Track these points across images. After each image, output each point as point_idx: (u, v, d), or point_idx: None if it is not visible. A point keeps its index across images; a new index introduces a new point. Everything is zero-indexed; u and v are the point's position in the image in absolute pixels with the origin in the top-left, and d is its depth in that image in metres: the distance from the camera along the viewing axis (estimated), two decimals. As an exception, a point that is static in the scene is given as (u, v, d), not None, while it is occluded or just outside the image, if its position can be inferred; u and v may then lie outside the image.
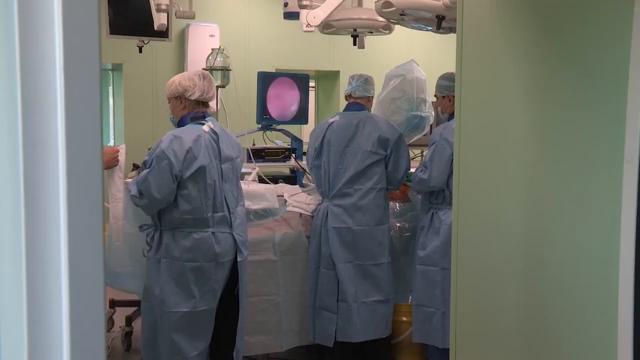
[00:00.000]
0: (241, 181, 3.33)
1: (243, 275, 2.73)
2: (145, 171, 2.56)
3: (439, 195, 3.08)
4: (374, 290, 3.19)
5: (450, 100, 3.15)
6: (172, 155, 2.51)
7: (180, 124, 2.70)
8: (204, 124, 2.66)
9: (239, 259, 2.70)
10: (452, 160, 2.93)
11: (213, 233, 2.62)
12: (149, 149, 2.71)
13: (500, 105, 1.75)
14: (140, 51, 4.01)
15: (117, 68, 5.68)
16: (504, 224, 1.75)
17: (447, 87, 3.12)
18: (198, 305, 2.61)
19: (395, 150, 3.21)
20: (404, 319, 3.31)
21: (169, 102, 2.73)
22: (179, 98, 2.68)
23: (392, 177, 3.23)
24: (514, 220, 1.71)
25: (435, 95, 3.26)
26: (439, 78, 3.23)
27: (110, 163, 2.77)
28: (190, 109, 2.69)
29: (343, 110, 3.36)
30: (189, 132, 2.60)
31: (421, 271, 3.09)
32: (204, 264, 2.60)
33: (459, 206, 1.92)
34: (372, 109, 3.51)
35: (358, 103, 3.31)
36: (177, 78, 2.71)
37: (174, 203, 2.57)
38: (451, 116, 3.10)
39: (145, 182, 2.53)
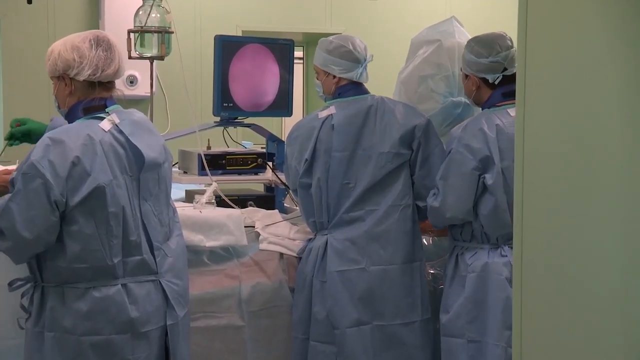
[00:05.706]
0: (190, 205, 3.39)
1: (177, 348, 2.69)
2: (7, 197, 2.50)
3: (464, 230, 3.15)
4: None
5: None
6: (48, 171, 2.44)
7: (69, 117, 2.66)
8: (103, 118, 2.60)
9: (169, 322, 2.66)
10: (478, 177, 2.99)
11: (124, 286, 2.57)
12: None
13: (589, 96, 1.74)
14: (30, 1, 4.06)
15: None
16: (592, 274, 1.75)
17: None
18: None
19: (424, 143, 3.24)
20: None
21: (52, 83, 2.69)
22: (62, 78, 2.64)
23: (422, 186, 3.26)
24: (608, 267, 1.72)
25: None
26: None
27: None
28: (82, 95, 2.64)
29: (338, 97, 3.33)
30: (77, 132, 2.54)
31: (444, 345, 3.16)
32: (114, 336, 2.55)
33: (522, 248, 1.93)
34: (392, 93, 3.59)
35: (358, 84, 3.34)
36: (57, 46, 2.64)
37: (58, 245, 2.51)
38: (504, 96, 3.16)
39: (7, 214, 2.47)
